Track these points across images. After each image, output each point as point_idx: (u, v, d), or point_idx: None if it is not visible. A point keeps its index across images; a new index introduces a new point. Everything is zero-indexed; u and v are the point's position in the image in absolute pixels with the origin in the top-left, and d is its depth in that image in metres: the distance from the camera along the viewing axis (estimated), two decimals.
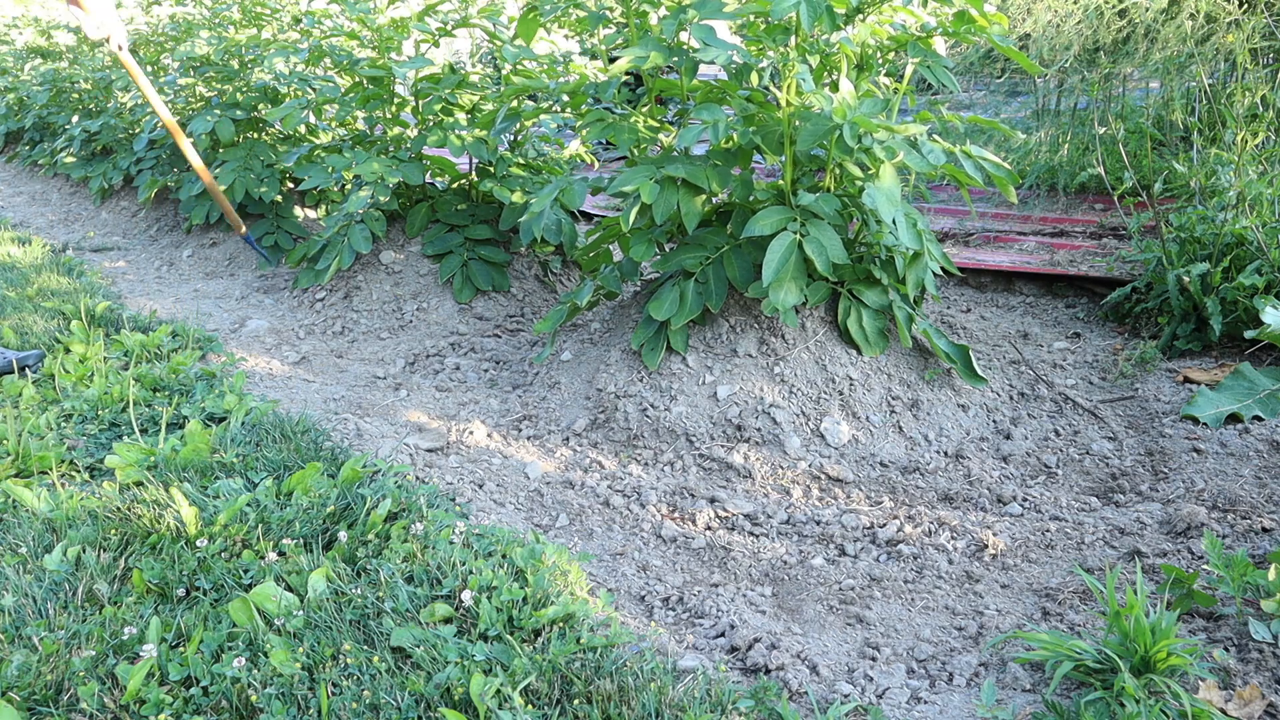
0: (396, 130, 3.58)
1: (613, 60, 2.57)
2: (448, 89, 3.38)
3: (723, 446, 2.35)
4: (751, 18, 2.35)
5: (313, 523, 1.85)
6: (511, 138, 3.67)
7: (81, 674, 1.45)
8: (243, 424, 2.31)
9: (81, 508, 1.91)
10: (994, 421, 2.51)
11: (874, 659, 1.60)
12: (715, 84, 2.51)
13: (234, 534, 1.79)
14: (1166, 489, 2.12)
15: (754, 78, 2.44)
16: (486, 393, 2.77)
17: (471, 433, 2.49)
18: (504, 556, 1.72)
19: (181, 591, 1.65)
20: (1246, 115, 3.26)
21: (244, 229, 3.64)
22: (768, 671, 1.52)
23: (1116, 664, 1.37)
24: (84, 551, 1.75)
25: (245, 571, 1.70)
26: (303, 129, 4.18)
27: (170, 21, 4.72)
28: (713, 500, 2.17)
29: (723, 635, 1.65)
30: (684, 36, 2.46)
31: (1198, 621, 1.59)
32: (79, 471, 2.17)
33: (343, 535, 1.77)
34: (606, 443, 2.43)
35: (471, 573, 1.66)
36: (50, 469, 2.13)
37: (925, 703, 1.47)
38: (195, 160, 1.89)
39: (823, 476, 2.27)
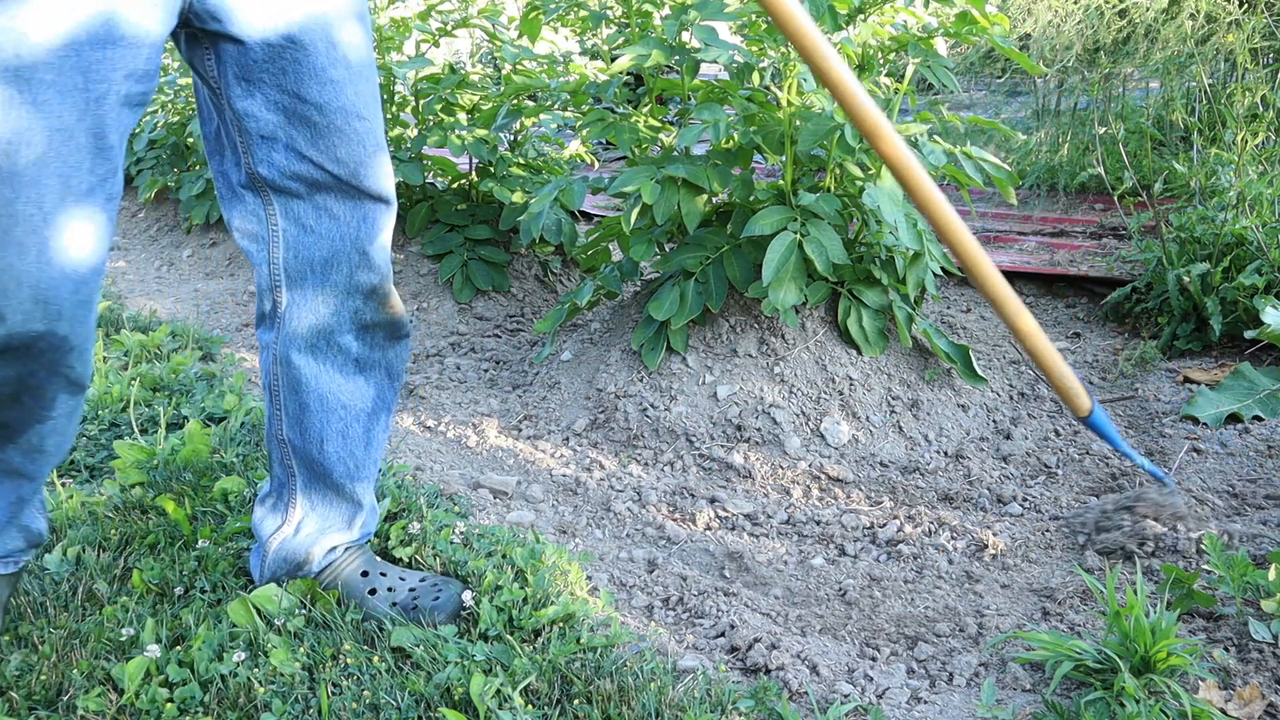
0: (396, 130, 3.58)
1: (614, 59, 2.57)
2: (448, 89, 3.38)
3: (723, 446, 2.35)
4: (753, 17, 2.35)
5: None
6: (511, 138, 3.67)
7: (81, 674, 1.45)
8: (243, 424, 2.31)
9: (82, 507, 1.91)
10: (994, 421, 2.51)
11: (874, 659, 1.60)
12: (716, 84, 2.51)
13: (237, 531, 1.79)
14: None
15: (755, 77, 2.44)
16: (486, 393, 2.77)
17: (471, 433, 2.49)
18: (504, 556, 1.72)
19: (180, 591, 1.66)
20: (1246, 115, 3.26)
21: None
22: (768, 671, 1.52)
23: (1116, 664, 1.37)
24: (84, 551, 1.75)
25: (245, 571, 1.71)
26: None
27: None
28: (713, 500, 2.17)
29: (722, 635, 1.65)
30: (685, 36, 2.46)
31: (1198, 621, 1.59)
32: (79, 471, 2.17)
33: None
34: (607, 443, 2.43)
35: (471, 573, 1.67)
36: None
37: (925, 703, 1.47)
38: None
39: (823, 476, 2.27)
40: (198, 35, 1.30)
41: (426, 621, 1.55)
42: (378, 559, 1.68)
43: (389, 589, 1.61)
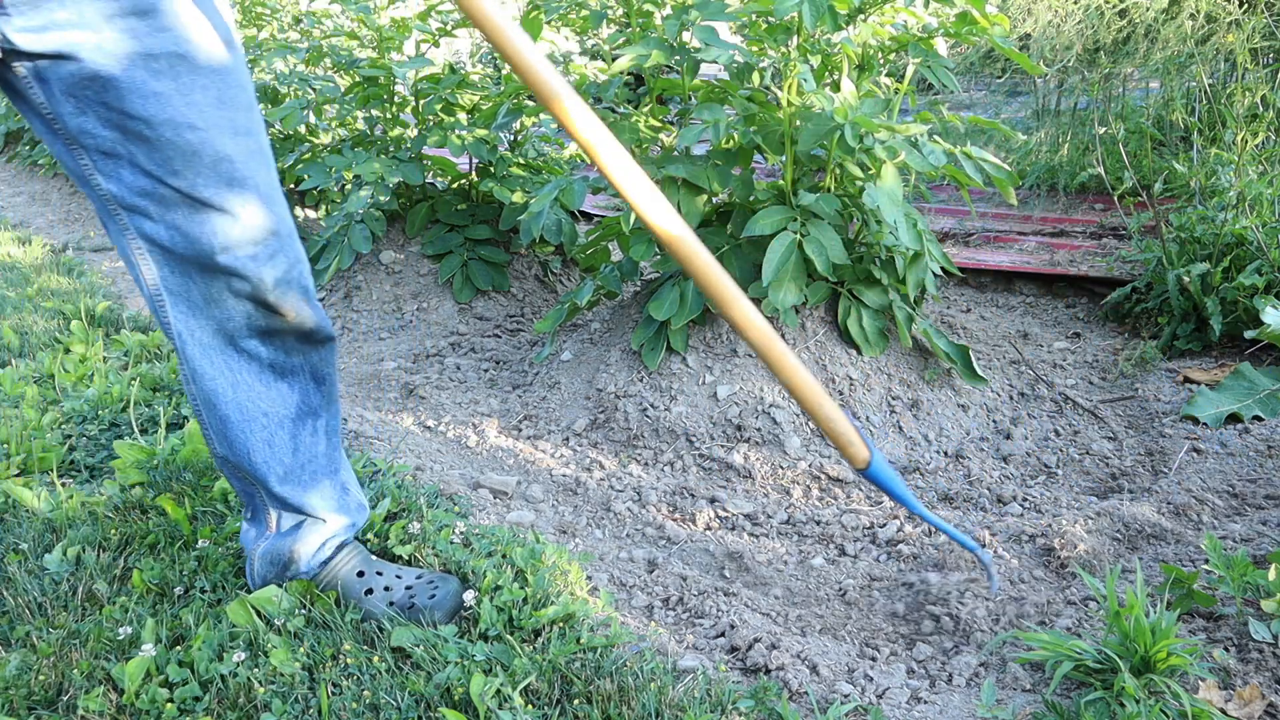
0: (396, 130, 3.58)
1: (614, 59, 2.57)
2: (448, 89, 3.38)
3: (723, 446, 2.35)
4: (753, 18, 2.35)
5: None
6: (511, 137, 3.67)
7: (80, 674, 1.45)
8: None
9: (82, 507, 1.91)
10: (994, 421, 2.51)
11: (874, 659, 1.60)
12: (716, 84, 2.51)
13: (237, 531, 1.79)
14: (1167, 488, 2.12)
15: (755, 77, 2.44)
16: (487, 393, 2.77)
17: (471, 433, 2.49)
18: (504, 556, 1.72)
19: (180, 591, 1.66)
20: (1246, 115, 3.26)
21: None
22: (768, 671, 1.52)
23: (1116, 664, 1.37)
24: (84, 551, 1.75)
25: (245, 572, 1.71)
26: (303, 129, 4.18)
27: None
28: (713, 500, 2.17)
29: (722, 635, 1.65)
30: (685, 36, 2.46)
31: (1198, 621, 1.59)
32: (79, 471, 2.17)
33: None
34: (607, 443, 2.43)
35: (471, 573, 1.67)
36: (51, 469, 2.13)
37: (925, 703, 1.47)
38: None
39: (823, 476, 2.27)
40: (7, 62, 1.27)
41: (425, 620, 1.55)
42: (374, 558, 1.68)
43: (385, 588, 1.61)
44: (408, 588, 1.61)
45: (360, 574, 1.63)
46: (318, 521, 1.61)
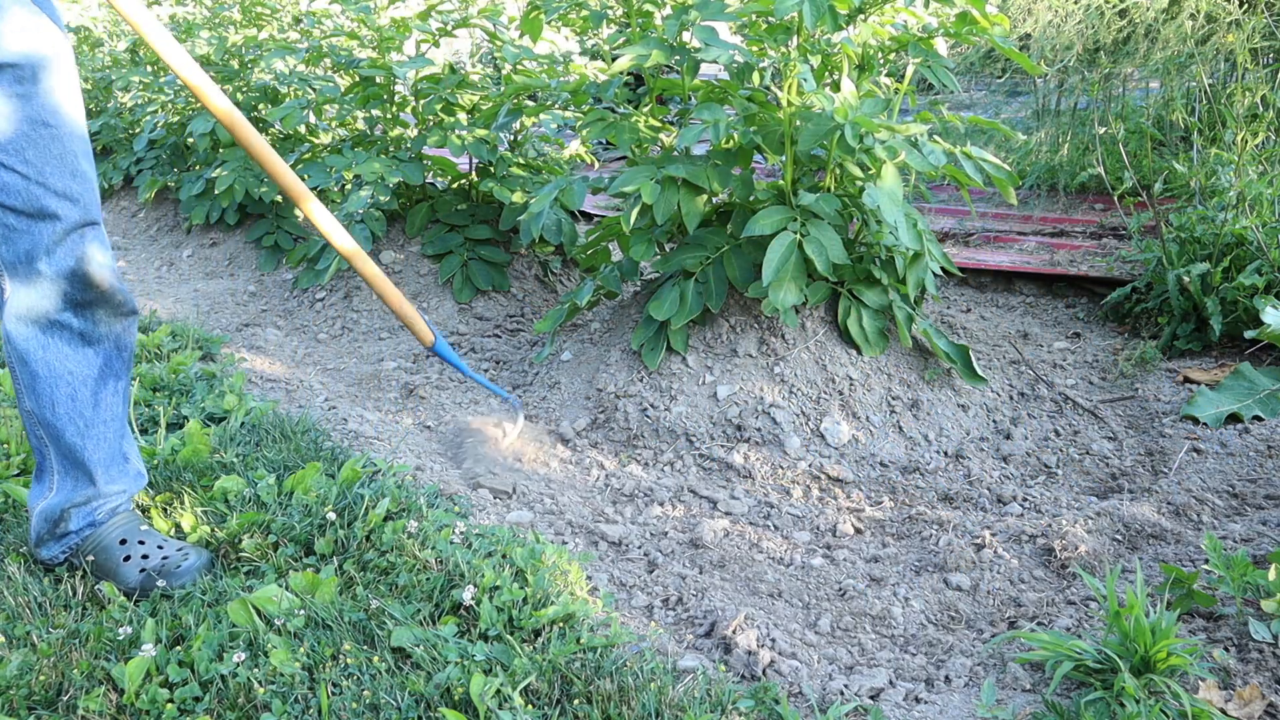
0: (397, 130, 3.58)
1: (614, 59, 2.57)
2: (448, 89, 3.38)
3: (723, 446, 2.35)
4: (753, 17, 2.35)
5: (312, 522, 1.85)
6: (511, 138, 3.67)
7: (80, 674, 1.45)
8: (242, 424, 2.31)
9: None
10: (994, 421, 2.51)
11: (873, 659, 1.60)
12: (716, 83, 2.51)
13: (237, 530, 1.79)
14: (1167, 488, 2.12)
15: (755, 77, 2.44)
16: (486, 393, 2.77)
17: None
18: (504, 556, 1.72)
19: (180, 591, 1.66)
20: (1246, 115, 3.26)
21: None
22: (766, 671, 1.52)
23: (1116, 664, 1.37)
24: None
25: (247, 573, 1.70)
26: (303, 129, 4.18)
27: (170, 21, 4.72)
28: (713, 500, 2.17)
29: (722, 635, 1.65)
30: (685, 36, 2.46)
31: (1198, 621, 1.59)
32: None
33: (342, 534, 1.77)
34: (607, 443, 2.43)
35: (471, 572, 1.66)
36: None
37: (925, 702, 1.47)
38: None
39: (823, 476, 2.27)
40: None
41: (173, 582, 1.64)
42: (145, 528, 1.74)
43: (143, 556, 1.69)
44: (164, 557, 1.70)
45: (122, 541, 1.71)
46: (92, 486, 1.70)
